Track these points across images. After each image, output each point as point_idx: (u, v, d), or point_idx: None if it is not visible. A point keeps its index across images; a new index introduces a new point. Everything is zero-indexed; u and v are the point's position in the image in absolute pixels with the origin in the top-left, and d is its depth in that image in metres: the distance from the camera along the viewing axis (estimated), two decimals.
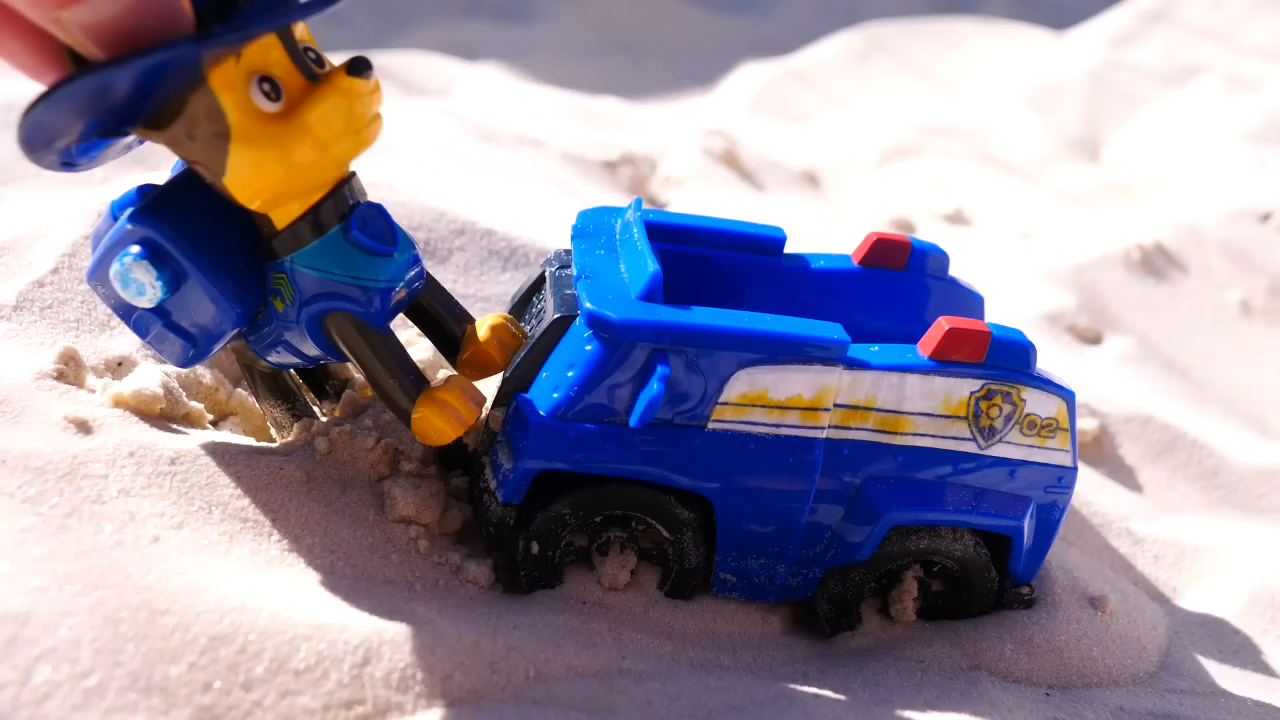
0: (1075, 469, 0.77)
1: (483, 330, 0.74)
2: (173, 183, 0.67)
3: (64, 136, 0.57)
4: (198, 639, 0.58)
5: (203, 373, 0.82)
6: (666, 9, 3.68)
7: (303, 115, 0.60)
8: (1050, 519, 0.78)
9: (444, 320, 0.75)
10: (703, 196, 1.82)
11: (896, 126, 2.41)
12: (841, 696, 0.68)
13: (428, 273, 0.73)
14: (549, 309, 0.74)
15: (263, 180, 0.61)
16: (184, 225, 0.65)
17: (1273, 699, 0.81)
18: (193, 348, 0.69)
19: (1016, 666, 0.77)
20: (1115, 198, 2.07)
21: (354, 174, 0.67)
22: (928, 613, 0.81)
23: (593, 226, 0.80)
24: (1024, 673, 0.77)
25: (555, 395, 0.69)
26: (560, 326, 0.71)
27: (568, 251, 0.81)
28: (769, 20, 3.82)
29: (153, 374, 0.76)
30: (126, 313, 0.68)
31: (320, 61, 0.63)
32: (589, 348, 0.68)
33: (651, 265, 0.70)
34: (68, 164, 0.60)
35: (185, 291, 0.66)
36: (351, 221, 0.65)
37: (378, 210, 0.68)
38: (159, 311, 0.67)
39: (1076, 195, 2.09)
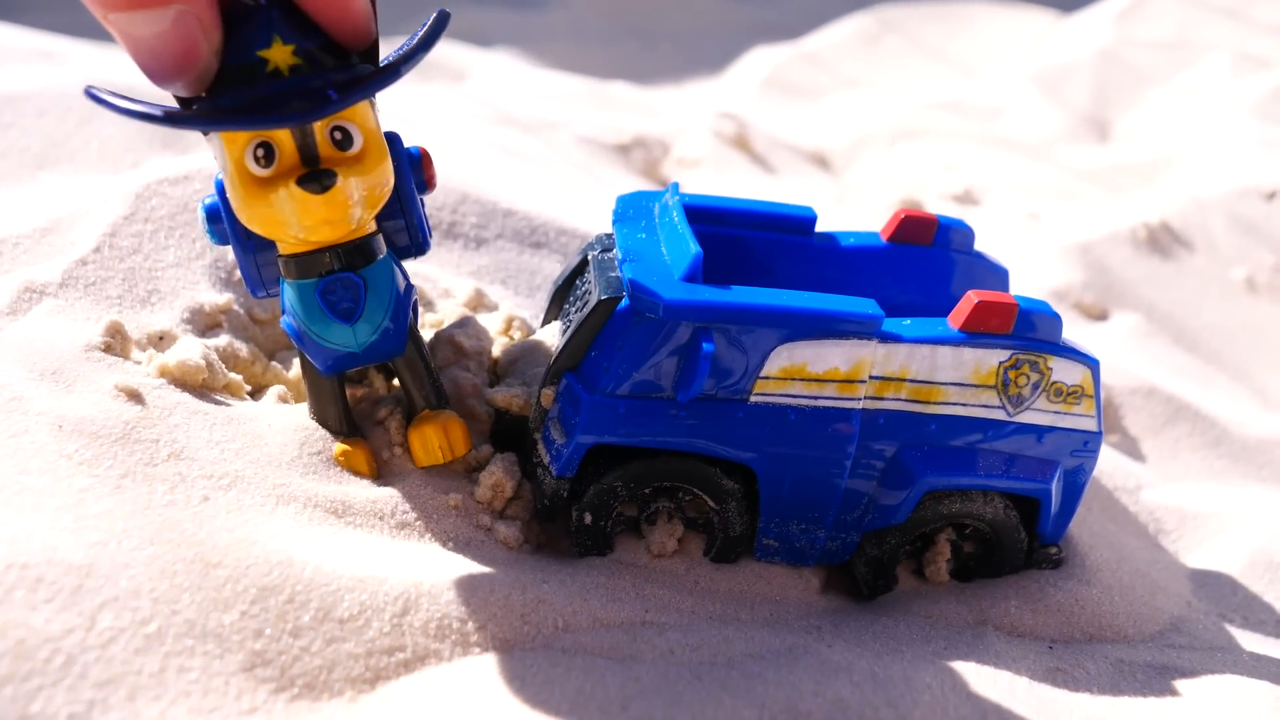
0: (1100, 434, 0.81)
1: (420, 427, 0.78)
2: None
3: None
4: (248, 590, 0.61)
5: (239, 346, 0.85)
6: None
7: (272, 192, 0.64)
8: (1077, 481, 0.82)
9: (408, 393, 0.79)
10: (714, 179, 1.85)
11: (906, 108, 2.44)
12: (854, 647, 0.72)
13: (421, 347, 0.77)
14: (594, 291, 0.77)
15: (244, 220, 0.67)
16: None
17: (1270, 653, 0.84)
18: (251, 288, 0.76)
19: (1021, 622, 0.80)
20: (1123, 176, 2.09)
21: (360, 241, 0.70)
22: (960, 573, 0.85)
23: (632, 211, 0.83)
24: (1029, 628, 0.80)
25: (605, 373, 0.72)
26: (607, 308, 0.74)
27: (609, 236, 0.84)
28: (778, 4, 3.84)
29: (195, 347, 0.80)
30: None
31: (347, 140, 0.65)
32: (636, 327, 0.71)
33: (693, 247, 0.73)
34: None
35: (237, 249, 0.73)
36: (320, 284, 0.70)
37: (353, 285, 0.71)
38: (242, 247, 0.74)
39: (1085, 174, 2.11)
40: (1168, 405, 1.23)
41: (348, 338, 0.72)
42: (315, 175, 0.63)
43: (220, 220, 0.72)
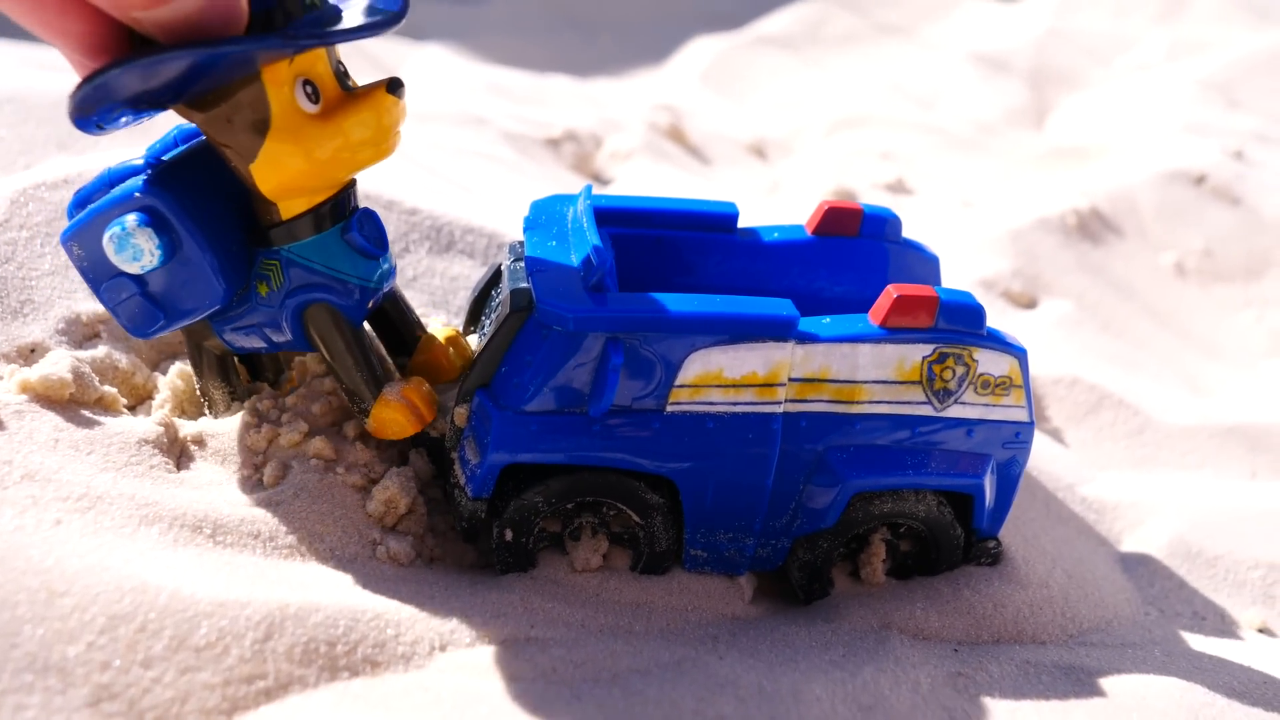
0: (1032, 424, 0.79)
1: (440, 338, 0.79)
2: (179, 159, 0.71)
3: (114, 102, 0.61)
4: (96, 619, 0.58)
5: (119, 357, 0.82)
6: None
7: (340, 119, 0.66)
8: (1011, 474, 0.80)
9: (401, 324, 0.79)
10: (648, 172, 1.82)
11: (845, 97, 2.42)
12: (748, 658, 0.70)
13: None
14: (504, 304, 0.74)
15: (287, 171, 0.66)
16: (187, 200, 0.69)
17: (1180, 647, 0.83)
18: (162, 318, 0.72)
19: (927, 625, 0.78)
20: (1057, 163, 2.08)
21: (354, 181, 0.72)
22: (898, 572, 0.83)
23: (544, 217, 0.80)
24: (934, 631, 0.78)
25: (516, 389, 0.70)
26: (515, 321, 0.71)
27: (522, 244, 0.82)
28: None
29: (62, 360, 0.76)
30: (97, 278, 0.71)
31: (347, 75, 0.69)
32: (545, 341, 0.69)
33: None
34: (100, 127, 0.63)
35: (178, 262, 0.69)
36: (352, 223, 0.71)
37: (373, 216, 0.73)
38: (139, 280, 0.70)
39: (1020, 162, 2.11)
40: (1091, 394, 1.22)
41: (379, 272, 0.73)
42: (393, 84, 0.67)
43: (171, 227, 0.68)
